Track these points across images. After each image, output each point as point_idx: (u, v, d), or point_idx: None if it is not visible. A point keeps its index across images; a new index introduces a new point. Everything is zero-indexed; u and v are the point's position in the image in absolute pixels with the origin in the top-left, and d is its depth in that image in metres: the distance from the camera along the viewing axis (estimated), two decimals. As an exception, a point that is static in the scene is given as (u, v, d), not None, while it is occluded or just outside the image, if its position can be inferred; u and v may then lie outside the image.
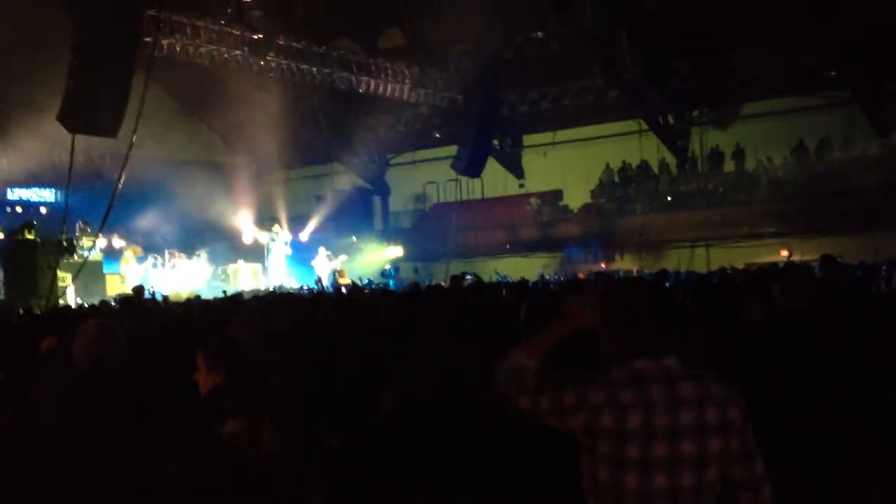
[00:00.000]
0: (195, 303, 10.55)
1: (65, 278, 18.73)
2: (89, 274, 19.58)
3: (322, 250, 23.36)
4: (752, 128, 23.64)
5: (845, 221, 19.26)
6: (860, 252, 15.54)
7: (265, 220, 25.06)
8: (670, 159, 25.05)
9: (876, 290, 7.63)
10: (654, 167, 25.53)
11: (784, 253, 20.76)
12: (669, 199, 24.27)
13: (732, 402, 2.54)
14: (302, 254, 24.32)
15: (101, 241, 20.66)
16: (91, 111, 16.95)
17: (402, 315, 7.10)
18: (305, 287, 18.08)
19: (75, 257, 19.40)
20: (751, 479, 2.55)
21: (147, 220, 23.72)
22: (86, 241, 20.17)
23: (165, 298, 13.65)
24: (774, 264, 15.23)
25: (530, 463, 4.67)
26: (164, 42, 19.36)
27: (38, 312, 11.10)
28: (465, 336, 5.42)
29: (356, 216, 28.92)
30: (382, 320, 6.97)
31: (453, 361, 5.33)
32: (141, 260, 21.61)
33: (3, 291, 18.12)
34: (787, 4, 19.56)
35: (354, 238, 26.56)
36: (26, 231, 18.59)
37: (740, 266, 17.39)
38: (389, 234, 28.73)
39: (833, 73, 21.36)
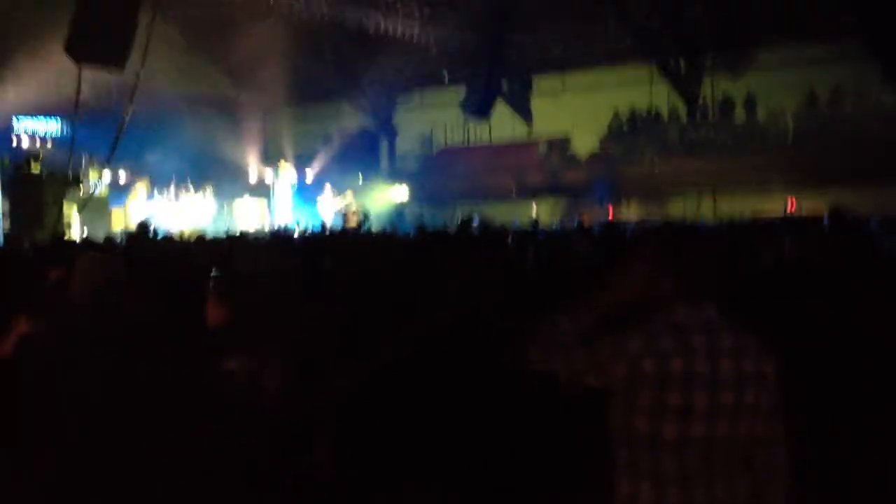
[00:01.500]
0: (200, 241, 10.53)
1: (70, 212, 18.76)
2: (95, 208, 19.61)
3: (327, 187, 23.31)
4: (764, 77, 23.33)
5: (857, 174, 19.10)
6: (873, 205, 15.45)
7: (271, 157, 24.97)
8: (681, 107, 24.81)
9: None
10: (664, 114, 25.31)
11: (791, 203, 20.69)
12: (678, 146, 24.09)
13: (768, 356, 2.54)
14: (308, 192, 24.29)
15: (108, 175, 20.62)
16: (98, 43, 16.76)
17: (411, 258, 7.09)
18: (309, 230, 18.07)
19: (81, 191, 19.37)
20: (768, 437, 2.54)
21: (154, 155, 23.63)
22: (92, 175, 20.15)
23: (169, 237, 13.65)
24: (784, 215, 15.23)
25: (539, 414, 4.69)
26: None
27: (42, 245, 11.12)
28: (478, 282, 5.41)
29: (362, 156, 28.79)
30: (392, 262, 6.95)
31: (470, 306, 5.32)
32: (149, 195, 21.61)
33: (8, 223, 18.15)
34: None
35: (361, 179, 26.48)
36: (32, 163, 18.57)
37: (748, 216, 17.38)
38: (395, 176, 28.62)
39: (848, 21, 20.99)
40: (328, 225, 17.58)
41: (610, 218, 21.27)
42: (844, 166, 19.66)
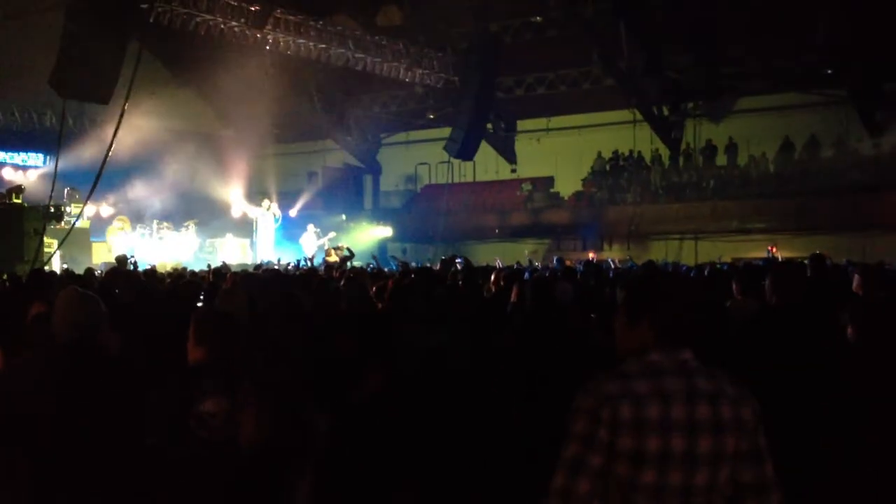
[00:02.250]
0: (182, 274, 10.48)
1: (51, 244, 18.62)
2: (76, 241, 19.47)
3: (311, 227, 23.28)
4: (746, 122, 23.66)
5: (835, 220, 19.32)
6: (849, 251, 15.63)
7: (255, 194, 24.95)
8: (663, 150, 25.05)
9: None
10: (647, 158, 25.54)
11: (771, 249, 20.83)
12: (660, 190, 24.30)
13: (746, 401, 2.52)
14: (291, 229, 24.25)
15: (90, 209, 20.52)
16: (84, 77, 16.78)
17: (392, 296, 7.07)
18: (292, 264, 17.99)
19: (62, 224, 19.24)
20: (760, 483, 2.51)
21: (136, 190, 23.58)
22: (74, 208, 20.04)
23: (151, 269, 13.58)
24: (766, 260, 15.33)
25: (513, 445, 4.67)
26: (160, 9, 19.16)
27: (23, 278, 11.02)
28: (452, 320, 5.41)
29: (347, 194, 28.86)
30: (372, 301, 6.94)
31: (439, 344, 5.32)
32: (131, 229, 21.52)
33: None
34: (787, 1, 19.54)
35: (344, 216, 26.48)
36: (13, 195, 18.45)
37: (728, 260, 17.50)
38: (379, 214, 28.67)
39: (829, 72, 21.35)
40: (311, 263, 17.53)
41: (592, 258, 21.36)
42: (823, 212, 19.89)
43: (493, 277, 8.96)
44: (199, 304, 6.38)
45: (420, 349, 5.28)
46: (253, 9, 20.68)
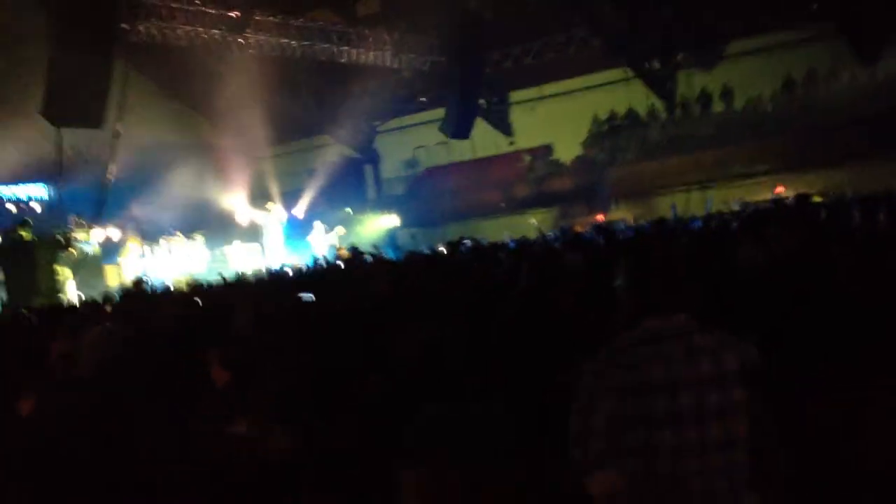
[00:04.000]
0: (198, 292, 10.53)
1: (64, 273, 18.74)
2: (88, 267, 19.59)
3: (318, 224, 23.33)
4: (738, 67, 23.48)
5: (838, 154, 19.23)
6: (855, 184, 15.58)
7: (258, 198, 25.00)
8: (659, 105, 24.95)
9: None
10: (643, 114, 25.44)
11: (780, 189, 20.76)
12: (660, 145, 24.21)
13: (748, 351, 2.58)
14: (298, 229, 24.30)
15: (98, 234, 20.63)
16: (74, 103, 16.85)
17: (395, 289, 7.10)
18: (304, 266, 18.05)
19: (73, 252, 19.35)
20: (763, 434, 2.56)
21: (141, 208, 23.64)
22: (81, 235, 20.13)
23: (166, 291, 13.64)
24: (774, 201, 15.26)
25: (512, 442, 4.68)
26: (141, 26, 19.20)
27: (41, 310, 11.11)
28: (450, 310, 5.40)
29: (349, 187, 28.85)
30: (377, 295, 6.97)
31: (434, 339, 5.32)
32: (141, 249, 21.61)
33: (4, 292, 18.11)
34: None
35: (349, 210, 26.50)
36: (21, 229, 18.55)
37: (736, 207, 17.46)
38: (384, 203, 28.68)
39: (815, 6, 21.19)
40: (323, 261, 17.57)
41: (601, 221, 21.36)
42: (826, 148, 19.78)
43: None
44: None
45: (414, 346, 5.30)
46: (232, 14, 20.69)
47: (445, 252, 10.87)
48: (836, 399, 3.52)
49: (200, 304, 7.55)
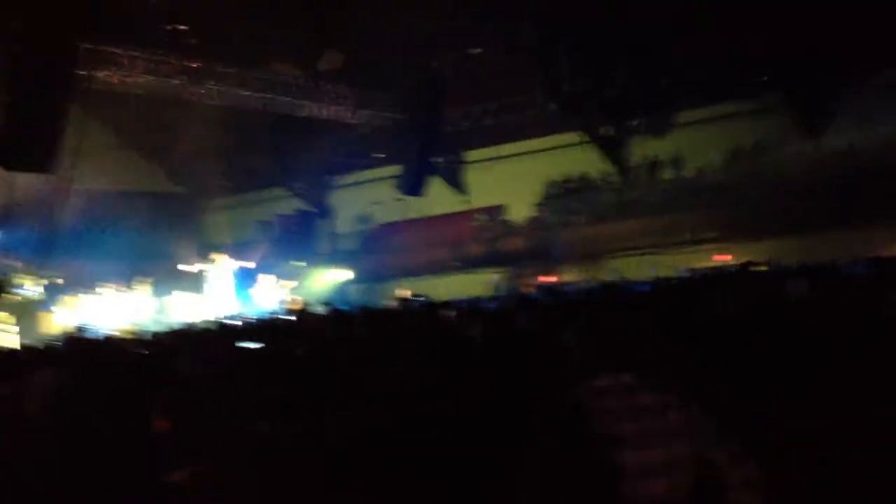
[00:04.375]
0: (142, 339, 10.37)
1: (4, 318, 18.38)
2: (27, 312, 19.23)
3: (263, 277, 23.21)
4: (688, 135, 24.01)
5: (784, 224, 19.66)
6: (800, 253, 15.88)
7: (209, 248, 24.82)
8: (611, 170, 25.35)
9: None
10: (597, 178, 25.82)
11: (723, 257, 21.11)
12: (612, 208, 24.56)
13: (690, 405, 2.65)
14: (247, 281, 24.13)
15: (42, 279, 20.28)
16: (27, 148, 16.70)
17: (359, 341, 7.11)
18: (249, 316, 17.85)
19: (14, 297, 19.00)
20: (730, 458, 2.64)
21: (87, 254, 23.26)
22: (26, 280, 19.79)
23: (108, 339, 13.39)
24: (716, 269, 15.50)
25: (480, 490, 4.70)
26: (100, 74, 19.15)
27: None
28: (420, 363, 5.44)
29: (301, 240, 28.76)
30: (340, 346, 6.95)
31: (408, 389, 5.36)
32: (86, 295, 21.26)
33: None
34: (717, 16, 19.98)
35: (303, 263, 26.41)
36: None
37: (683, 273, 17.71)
38: (336, 257, 28.62)
39: (764, 79, 21.84)
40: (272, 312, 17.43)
41: (548, 281, 21.53)
42: (772, 218, 20.22)
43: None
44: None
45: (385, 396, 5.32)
46: (193, 65, 20.74)
47: (397, 307, 10.85)
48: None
49: (144, 351, 7.46)
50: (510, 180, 26.71)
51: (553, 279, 22.80)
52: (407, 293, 13.69)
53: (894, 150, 19.58)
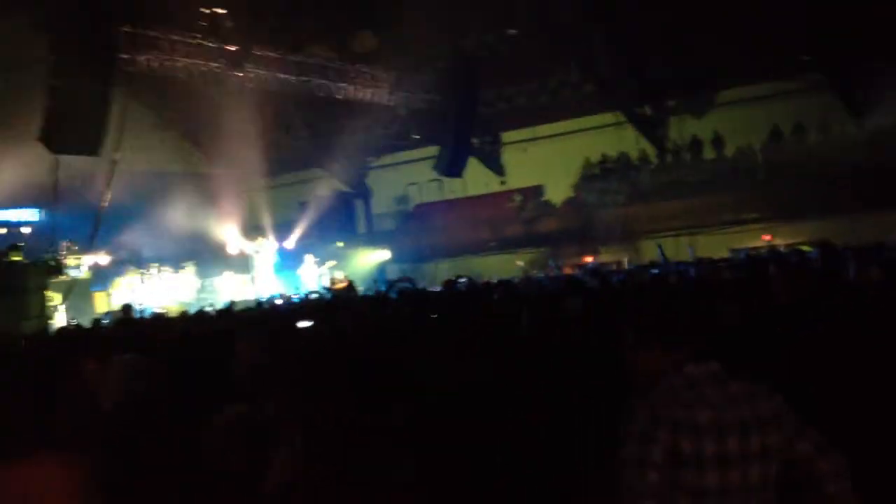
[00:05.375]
0: (192, 319, 10.57)
1: (54, 298, 18.72)
2: (77, 293, 19.57)
3: (308, 257, 23.41)
4: (729, 115, 23.79)
5: (826, 204, 19.49)
6: (843, 235, 15.77)
7: (250, 229, 25.08)
8: (650, 150, 25.21)
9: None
10: (634, 158, 25.70)
11: (766, 238, 21.00)
12: (650, 189, 24.44)
13: (776, 396, 2.74)
14: (289, 261, 24.37)
15: (89, 259, 20.63)
16: (72, 130, 16.97)
17: (409, 324, 7.21)
18: (294, 295, 18.08)
19: (64, 277, 19.34)
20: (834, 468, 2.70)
21: (132, 236, 23.64)
22: (72, 260, 20.13)
23: (158, 316, 13.66)
24: (774, 250, 15.41)
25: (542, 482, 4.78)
26: (141, 58, 19.36)
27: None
28: (474, 348, 5.51)
29: (340, 221, 28.95)
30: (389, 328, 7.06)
31: (468, 375, 5.44)
32: (132, 276, 21.61)
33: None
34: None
35: (341, 244, 26.60)
36: (12, 253, 18.54)
37: (725, 253, 17.65)
38: (374, 238, 28.78)
39: (807, 58, 21.55)
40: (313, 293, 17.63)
41: (592, 262, 21.54)
42: (814, 198, 20.05)
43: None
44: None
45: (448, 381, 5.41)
46: (231, 48, 20.88)
47: (442, 289, 10.96)
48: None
49: (201, 332, 7.60)
50: (547, 161, 26.67)
51: (591, 260, 22.83)
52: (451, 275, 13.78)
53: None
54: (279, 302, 15.73)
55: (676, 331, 2.78)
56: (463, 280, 11.77)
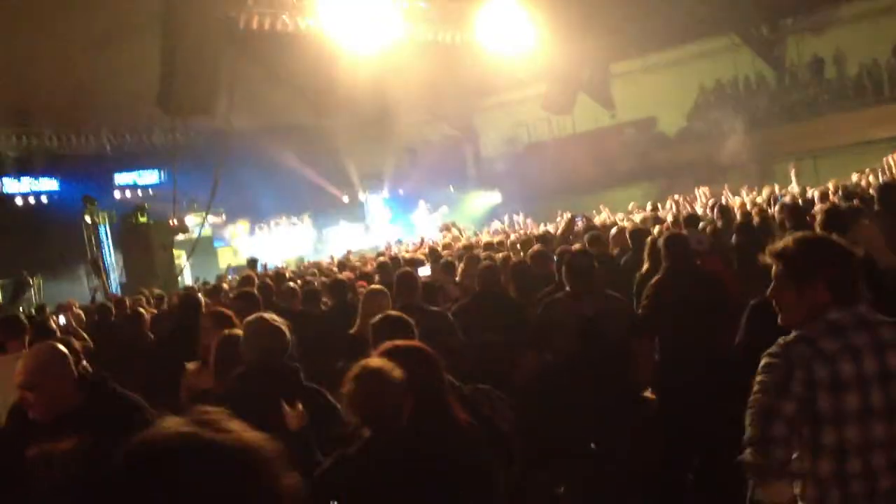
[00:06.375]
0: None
1: (179, 256, 19.40)
2: (201, 250, 20.21)
3: (422, 203, 23.51)
4: (850, 31, 22.55)
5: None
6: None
7: (362, 178, 25.32)
8: (767, 72, 24.17)
9: None
10: (752, 82, 24.69)
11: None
12: (770, 113, 23.48)
13: None
14: (401, 207, 24.56)
15: (209, 217, 21.24)
16: (186, 92, 17.33)
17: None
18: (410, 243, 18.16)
19: (188, 235, 19.98)
20: None
21: (249, 191, 24.17)
22: (195, 218, 20.76)
23: (277, 274, 13.87)
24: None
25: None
26: (249, 12, 19.54)
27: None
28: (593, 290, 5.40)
29: (449, 165, 28.89)
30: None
31: (589, 317, 5.35)
32: (250, 231, 22.18)
33: (123, 275, 18.85)
34: None
35: (452, 188, 26.60)
36: (139, 214, 19.24)
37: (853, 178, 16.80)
38: (484, 180, 28.64)
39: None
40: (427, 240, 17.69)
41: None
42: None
43: (612, 236, 8.71)
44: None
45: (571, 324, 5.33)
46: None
47: (561, 230, 10.79)
48: None
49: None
50: (659, 91, 25.86)
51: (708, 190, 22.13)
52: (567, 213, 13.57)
53: None
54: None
55: (841, 271, 2.56)
56: (579, 218, 11.57)
